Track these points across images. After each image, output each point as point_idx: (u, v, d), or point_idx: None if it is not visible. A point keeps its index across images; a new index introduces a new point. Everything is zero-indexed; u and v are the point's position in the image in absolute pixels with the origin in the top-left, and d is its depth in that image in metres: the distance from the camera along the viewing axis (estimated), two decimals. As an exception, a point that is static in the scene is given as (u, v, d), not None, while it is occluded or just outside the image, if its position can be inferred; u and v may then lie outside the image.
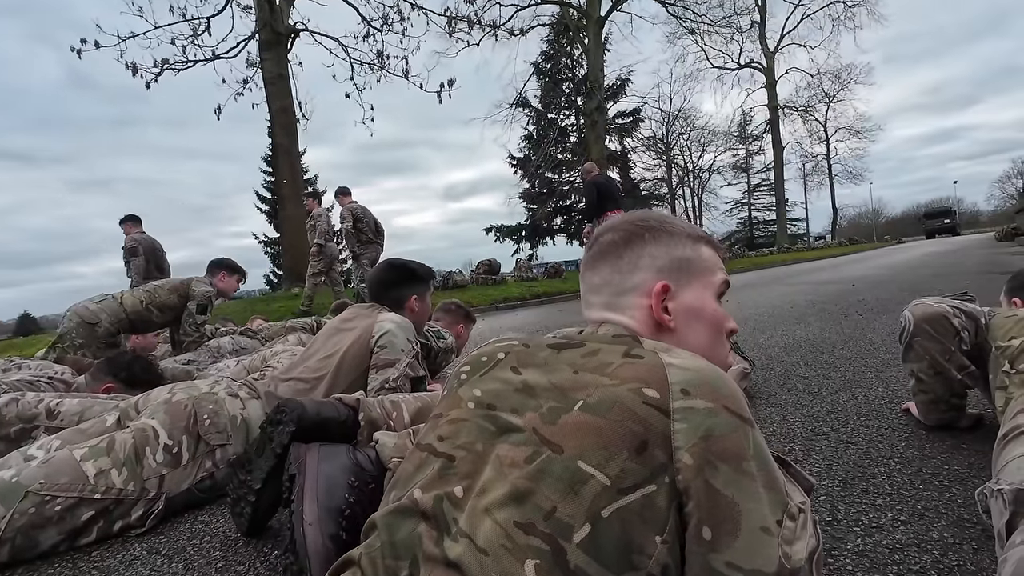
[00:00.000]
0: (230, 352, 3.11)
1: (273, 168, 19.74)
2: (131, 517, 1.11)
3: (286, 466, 0.96)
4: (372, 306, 1.73)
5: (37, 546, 1.03)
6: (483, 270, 11.08)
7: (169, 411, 1.22)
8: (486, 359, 0.66)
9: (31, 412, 1.41)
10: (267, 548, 1.03)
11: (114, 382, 1.80)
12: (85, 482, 1.06)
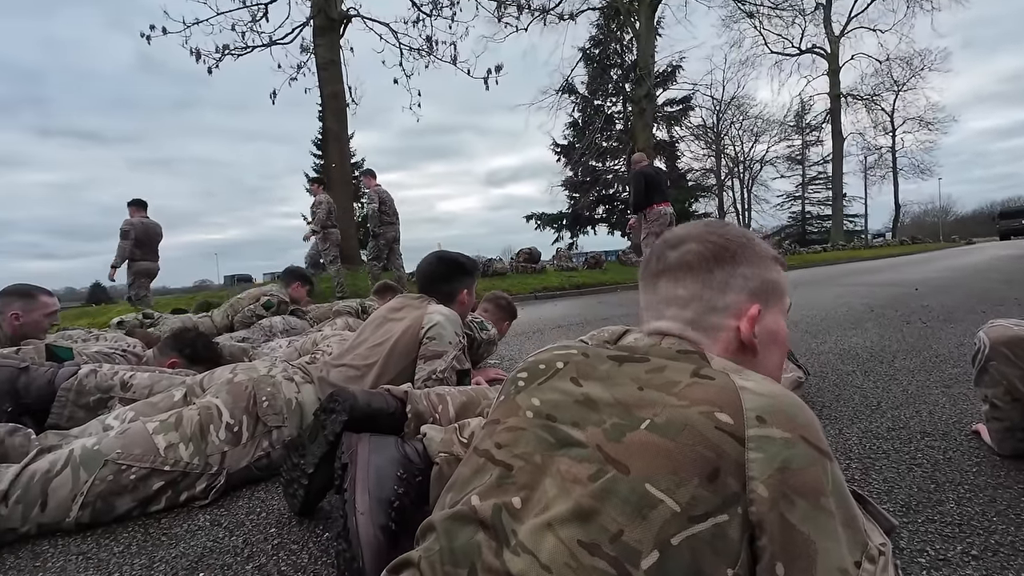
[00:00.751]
0: (281, 331, 3.25)
1: (323, 152, 20.27)
2: (196, 489, 1.18)
3: (338, 454, 1.00)
4: (421, 297, 1.76)
5: (113, 511, 1.11)
6: (523, 258, 11.07)
7: (231, 391, 1.29)
8: (544, 367, 0.66)
9: (108, 383, 1.52)
10: (319, 529, 1.08)
11: (178, 357, 1.91)
12: (156, 454, 1.14)
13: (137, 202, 6.13)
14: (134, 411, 1.30)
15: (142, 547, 1.03)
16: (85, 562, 0.99)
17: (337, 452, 1.00)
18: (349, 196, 11.26)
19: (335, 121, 10.65)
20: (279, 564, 0.95)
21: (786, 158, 37.12)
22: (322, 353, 1.94)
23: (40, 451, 1.12)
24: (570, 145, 24.47)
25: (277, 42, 11.00)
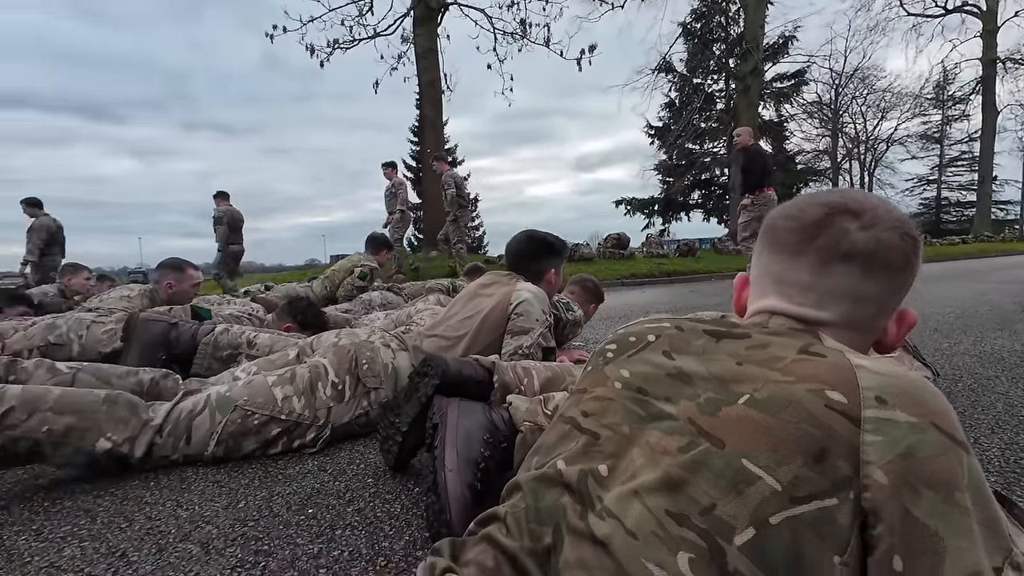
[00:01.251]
0: (379, 305, 3.48)
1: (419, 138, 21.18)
2: (306, 438, 1.32)
3: (429, 415, 1.06)
4: (510, 274, 1.80)
5: (241, 449, 1.28)
6: (611, 244, 10.84)
7: (336, 353, 1.42)
8: (634, 339, 0.65)
9: (237, 341, 1.74)
10: (410, 484, 1.15)
11: (292, 323, 2.14)
12: (275, 404, 1.29)
13: (222, 193, 6.87)
14: (257, 366, 1.48)
15: (263, 482, 1.18)
16: (219, 488, 1.15)
17: (429, 413, 1.07)
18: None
19: (431, 108, 11.06)
20: (375, 510, 1.04)
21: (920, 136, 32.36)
22: (416, 325, 2.05)
23: (186, 393, 1.31)
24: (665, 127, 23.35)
25: (380, 34, 11.60)
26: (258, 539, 0.94)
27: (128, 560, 0.88)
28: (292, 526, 0.98)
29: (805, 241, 0.59)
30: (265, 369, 1.44)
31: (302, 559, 0.87)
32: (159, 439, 1.21)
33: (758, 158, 5.36)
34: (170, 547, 0.92)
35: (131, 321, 1.78)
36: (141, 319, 1.76)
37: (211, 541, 0.94)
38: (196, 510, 1.05)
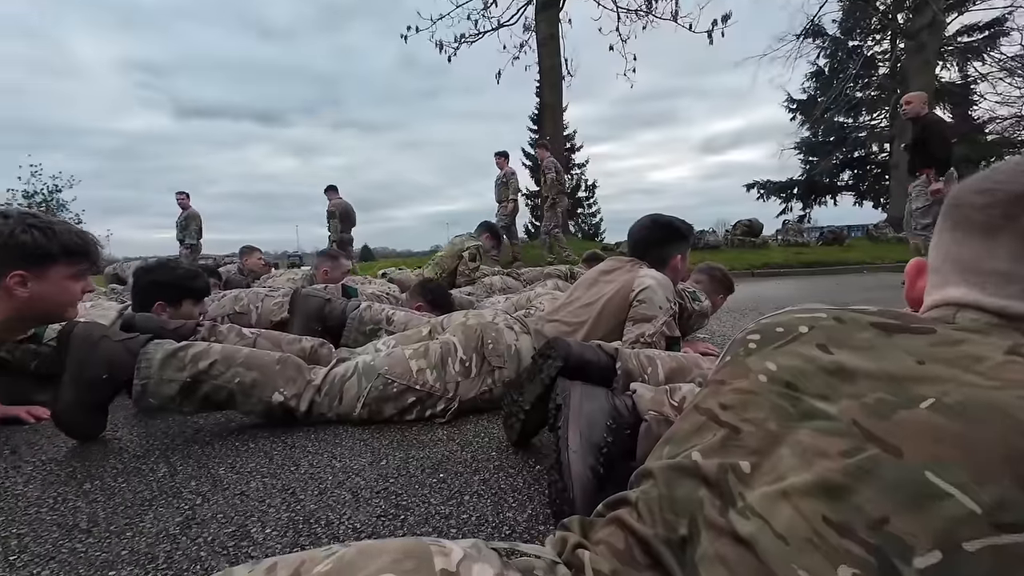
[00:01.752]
0: (499, 290, 3.62)
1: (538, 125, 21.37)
2: (436, 408, 1.43)
3: (552, 396, 1.09)
4: (633, 260, 1.76)
5: (382, 413, 1.42)
6: (741, 231, 10.02)
7: (464, 332, 1.51)
8: (782, 330, 0.60)
9: (378, 317, 1.94)
10: (531, 461, 1.20)
11: (423, 302, 2.32)
12: (411, 375, 1.41)
13: (332, 188, 7.61)
14: (395, 340, 1.63)
15: (400, 445, 1.30)
16: (364, 447, 1.29)
17: (552, 394, 1.09)
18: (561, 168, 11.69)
19: (551, 94, 11.08)
20: (499, 482, 1.09)
21: None
22: (535, 309, 2.10)
23: (338, 360, 1.49)
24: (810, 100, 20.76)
25: (504, 24, 11.86)
26: (398, 494, 1.04)
27: (297, 497, 1.04)
28: (426, 487, 1.08)
29: (1004, 221, 0.50)
30: (402, 343, 1.59)
31: (435, 518, 0.96)
32: (318, 397, 1.40)
33: (936, 129, 4.52)
34: (328, 491, 1.06)
35: (295, 296, 2.08)
36: (302, 294, 2.05)
37: (359, 491, 1.06)
38: (347, 463, 1.20)
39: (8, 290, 1.24)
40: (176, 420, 1.53)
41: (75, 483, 1.13)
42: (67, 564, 0.83)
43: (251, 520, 0.95)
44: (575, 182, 27.76)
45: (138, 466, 1.21)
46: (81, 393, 1.26)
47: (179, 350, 1.33)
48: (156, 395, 1.29)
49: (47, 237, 1.25)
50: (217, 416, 1.54)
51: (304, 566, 0.46)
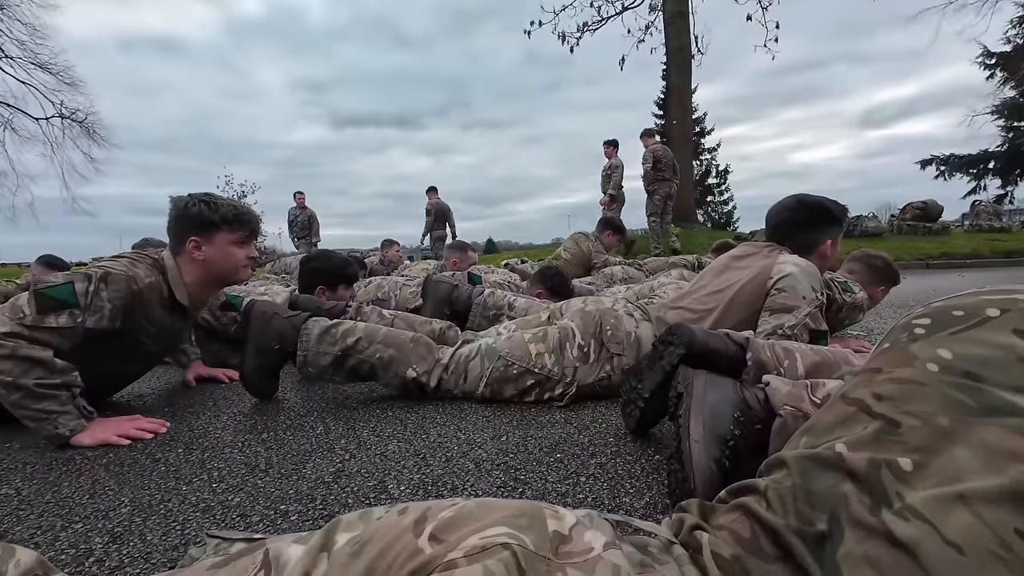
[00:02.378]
0: (620, 280, 3.55)
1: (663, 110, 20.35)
2: (554, 392, 1.46)
3: (673, 384, 1.04)
4: (770, 245, 1.61)
5: (502, 393, 1.49)
6: (912, 215, 8.54)
7: (583, 318, 1.51)
8: (962, 314, 0.51)
9: (500, 303, 2.02)
10: (650, 450, 1.16)
11: (543, 289, 2.37)
12: (530, 359, 1.46)
13: (432, 188, 8.31)
14: (515, 324, 1.69)
15: (519, 424, 1.35)
16: (486, 422, 1.37)
17: (672, 382, 1.05)
18: (689, 153, 11.02)
19: (679, 75, 10.46)
20: (616, 467, 1.08)
21: None
22: (657, 298, 2.02)
23: (463, 342, 1.59)
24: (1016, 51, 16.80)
25: (628, 7, 11.45)
26: (516, 469, 1.09)
27: (427, 462, 1.14)
28: (543, 465, 1.11)
29: None
30: (522, 328, 1.64)
31: (552, 494, 0.98)
32: (445, 375, 1.51)
33: None
34: (454, 460, 1.14)
35: (426, 282, 2.26)
36: (433, 281, 2.22)
37: (482, 462, 1.13)
38: (471, 436, 1.28)
39: (189, 254, 1.51)
40: (329, 387, 1.76)
41: (256, 432, 1.36)
42: (251, 495, 1.01)
43: (389, 477, 1.07)
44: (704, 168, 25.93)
45: (301, 423, 1.42)
46: (259, 360, 1.51)
47: (332, 327, 1.52)
48: (314, 365, 1.50)
49: (211, 209, 1.50)
50: (362, 387, 1.74)
51: (430, 511, 0.50)
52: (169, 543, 0.85)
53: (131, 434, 1.31)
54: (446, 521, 0.48)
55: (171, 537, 0.87)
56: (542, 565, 0.43)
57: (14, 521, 0.95)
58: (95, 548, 0.84)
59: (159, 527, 0.90)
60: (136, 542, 0.86)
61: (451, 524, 0.47)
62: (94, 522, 0.93)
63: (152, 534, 0.88)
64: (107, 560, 0.81)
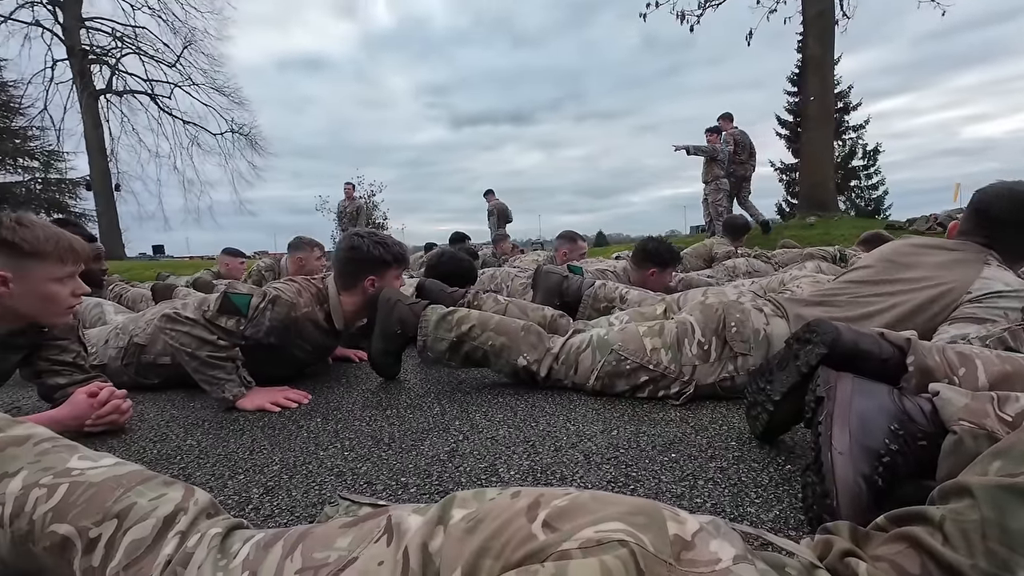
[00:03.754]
0: (743, 273, 3.26)
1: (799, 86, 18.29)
2: (670, 390, 1.38)
3: (810, 387, 0.93)
4: (968, 244, 1.33)
5: (614, 388, 1.45)
6: None
7: (703, 311, 1.41)
8: None
9: (611, 295, 1.97)
10: (779, 458, 1.05)
11: (653, 265, 2.37)
12: (644, 354, 1.39)
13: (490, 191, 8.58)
14: (628, 315, 1.63)
15: (631, 419, 1.30)
16: (596, 415, 1.34)
17: (810, 385, 0.93)
18: (829, 133, 9.77)
19: (818, 45, 9.30)
20: (740, 474, 0.99)
21: None
22: (792, 293, 1.82)
23: (575, 331, 1.57)
24: None
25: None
26: (628, 465, 1.05)
27: (536, 450, 1.14)
28: (657, 463, 1.05)
29: None
30: (636, 320, 1.57)
31: (666, 495, 0.93)
32: (556, 365, 1.51)
33: None
34: (563, 450, 1.14)
35: (537, 272, 2.28)
36: (543, 271, 2.23)
37: (591, 455, 1.10)
38: (580, 427, 1.26)
39: (364, 290, 1.71)
40: (445, 371, 1.85)
41: (380, 409, 1.48)
42: (376, 466, 1.09)
43: (499, 461, 1.09)
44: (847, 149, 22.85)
45: (419, 403, 1.51)
46: (384, 343, 1.63)
47: (448, 314, 1.60)
48: (432, 350, 1.58)
49: (386, 249, 1.68)
50: (475, 372, 1.81)
51: (543, 497, 0.50)
52: (309, 500, 0.95)
53: (281, 403, 1.50)
54: (560, 510, 0.47)
55: (311, 495, 0.97)
56: (662, 570, 0.40)
57: (195, 467, 1.13)
58: (252, 497, 0.98)
59: (302, 485, 1.02)
60: (284, 496, 0.97)
61: (565, 513, 0.46)
62: (252, 475, 1.07)
63: (296, 491, 0.99)
64: (262, 509, 0.93)
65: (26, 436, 0.68)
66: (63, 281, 1.26)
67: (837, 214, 9.47)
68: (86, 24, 17.61)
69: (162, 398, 1.68)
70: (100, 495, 0.60)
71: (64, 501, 0.59)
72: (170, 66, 18.83)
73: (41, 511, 0.59)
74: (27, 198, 18.41)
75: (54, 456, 0.66)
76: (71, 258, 1.26)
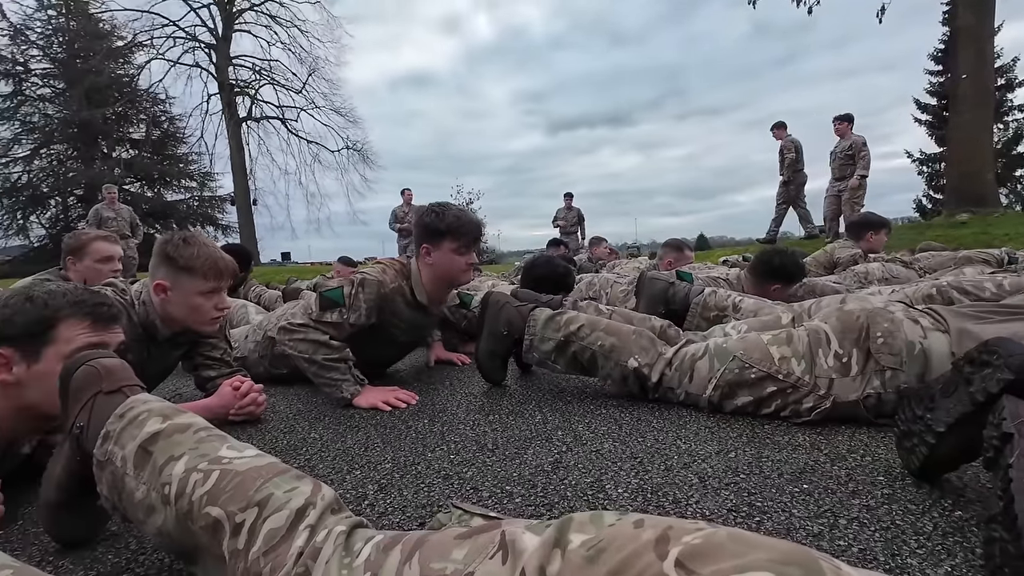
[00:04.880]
0: (878, 279, 2.87)
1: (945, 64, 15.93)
2: (801, 405, 1.23)
3: (991, 420, 0.77)
4: None
5: (734, 399, 1.32)
6: None
7: (841, 319, 1.24)
8: None
9: (724, 303, 1.82)
10: (945, 502, 0.89)
11: (777, 282, 2.13)
12: (772, 363, 1.26)
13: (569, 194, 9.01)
14: (747, 325, 1.49)
15: (751, 440, 1.18)
16: (710, 433, 1.23)
17: (989, 418, 0.78)
18: (987, 114, 8.35)
19: (972, 13, 8.00)
20: (892, 516, 0.85)
21: None
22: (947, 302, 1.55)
23: (687, 341, 1.47)
24: None
25: (893, -58, 9.24)
26: (751, 493, 0.95)
27: (644, 467, 1.08)
28: (785, 494, 0.94)
29: None
30: (756, 329, 1.44)
31: (799, 532, 0.82)
32: (668, 371, 1.41)
33: None
34: (674, 469, 1.06)
35: (641, 278, 2.19)
36: (648, 277, 2.13)
37: (707, 477, 1.02)
38: (692, 446, 1.17)
39: (423, 259, 1.74)
40: (546, 379, 1.83)
41: (484, 414, 1.49)
42: (481, 472, 1.10)
43: (606, 477, 1.04)
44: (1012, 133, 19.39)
45: (521, 410, 1.51)
46: (492, 344, 1.65)
47: (556, 315, 1.59)
48: (538, 349, 1.57)
49: (439, 218, 1.68)
50: (576, 381, 1.77)
51: (672, 531, 0.45)
52: (419, 501, 0.98)
53: (391, 402, 1.58)
54: (694, 549, 0.42)
55: (420, 496, 1.00)
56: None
57: (318, 460, 1.22)
58: (368, 494, 1.03)
59: (412, 485, 1.05)
60: (396, 495, 1.01)
61: (701, 554, 0.41)
62: (367, 471, 1.13)
63: (407, 491, 1.03)
64: (377, 506, 0.97)
65: (187, 424, 0.77)
66: (207, 295, 1.43)
67: (998, 210, 8.03)
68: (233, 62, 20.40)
69: (290, 392, 1.85)
70: (244, 483, 0.65)
71: (216, 486, 0.66)
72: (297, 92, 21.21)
73: (198, 493, 0.66)
74: (187, 213, 21.72)
75: (208, 444, 0.73)
76: (214, 276, 1.42)
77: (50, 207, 19.85)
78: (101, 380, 0.84)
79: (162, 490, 0.68)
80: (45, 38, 19.55)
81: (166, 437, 0.74)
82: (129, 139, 21.45)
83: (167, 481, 0.68)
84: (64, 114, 19.43)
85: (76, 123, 19.05)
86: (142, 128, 21.46)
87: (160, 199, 21.42)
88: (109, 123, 20.24)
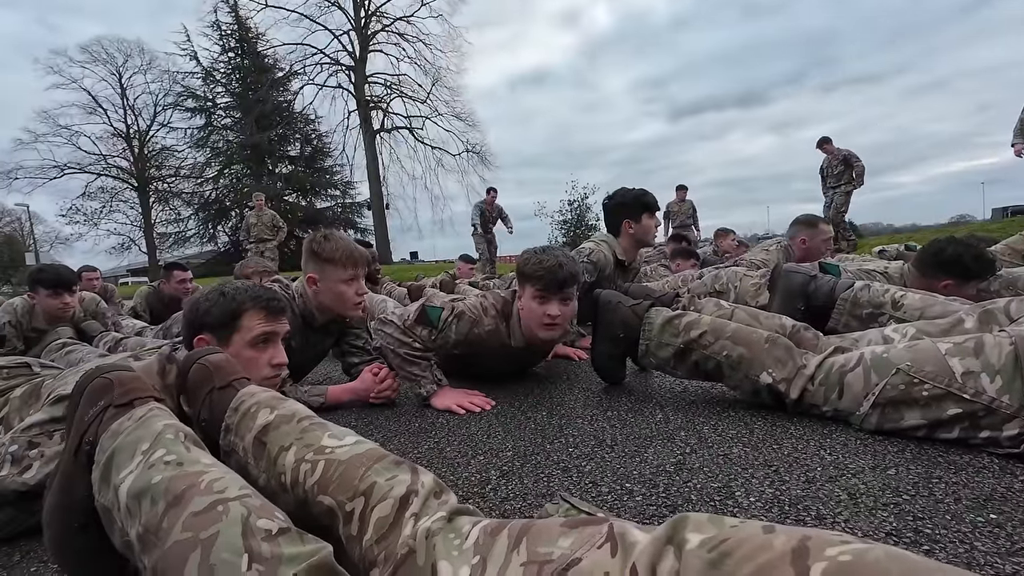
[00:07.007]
0: None
1: None
2: (1001, 432, 0.99)
3: None
4: None
5: (899, 421, 1.10)
6: None
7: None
8: None
9: (879, 300, 1.58)
10: None
11: (950, 277, 1.76)
12: (952, 378, 1.03)
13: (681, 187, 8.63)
14: (916, 328, 1.27)
15: (916, 456, 1.02)
16: (861, 446, 1.08)
17: None
18: None
19: None
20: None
21: None
22: None
23: (836, 349, 1.27)
24: None
25: None
26: (918, 518, 0.82)
27: (780, 477, 0.98)
28: (963, 522, 0.80)
29: None
30: (929, 333, 1.21)
31: (985, 569, 0.69)
32: (811, 387, 1.24)
33: None
34: (817, 482, 0.95)
35: (775, 272, 1.98)
36: (784, 270, 1.92)
37: (858, 495, 0.90)
38: (839, 458, 1.04)
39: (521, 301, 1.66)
40: (667, 376, 1.76)
41: (601, 409, 1.48)
42: (599, 467, 1.09)
43: (735, 483, 0.97)
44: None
45: (640, 408, 1.46)
46: (607, 345, 1.63)
47: (675, 317, 1.48)
48: (655, 355, 1.49)
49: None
50: (702, 386, 1.67)
51: (812, 542, 0.41)
52: (539, 490, 1.01)
53: (466, 405, 1.57)
54: (841, 566, 0.38)
55: (539, 485, 1.03)
56: None
57: (446, 443, 1.31)
58: (491, 479, 1.08)
59: (531, 474, 1.08)
60: (517, 482, 1.05)
61: (849, 572, 0.37)
62: (490, 458, 1.19)
63: (528, 479, 1.06)
64: (499, 491, 1.02)
65: (291, 414, 0.80)
66: (348, 282, 1.65)
67: None
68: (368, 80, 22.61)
69: (420, 380, 2.01)
70: (348, 472, 0.69)
71: (324, 476, 0.70)
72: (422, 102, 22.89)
73: (310, 483, 0.71)
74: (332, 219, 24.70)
75: (311, 434, 0.78)
76: (351, 264, 1.63)
77: (231, 218, 23.93)
78: (212, 377, 0.91)
79: (279, 479, 0.73)
80: (226, 76, 23.75)
81: (275, 428, 0.78)
82: (287, 156, 25.26)
83: (282, 471, 0.73)
84: (241, 139, 23.34)
85: (249, 146, 22.80)
86: (297, 146, 25.00)
87: (312, 207, 24.72)
88: (272, 143, 23.88)
